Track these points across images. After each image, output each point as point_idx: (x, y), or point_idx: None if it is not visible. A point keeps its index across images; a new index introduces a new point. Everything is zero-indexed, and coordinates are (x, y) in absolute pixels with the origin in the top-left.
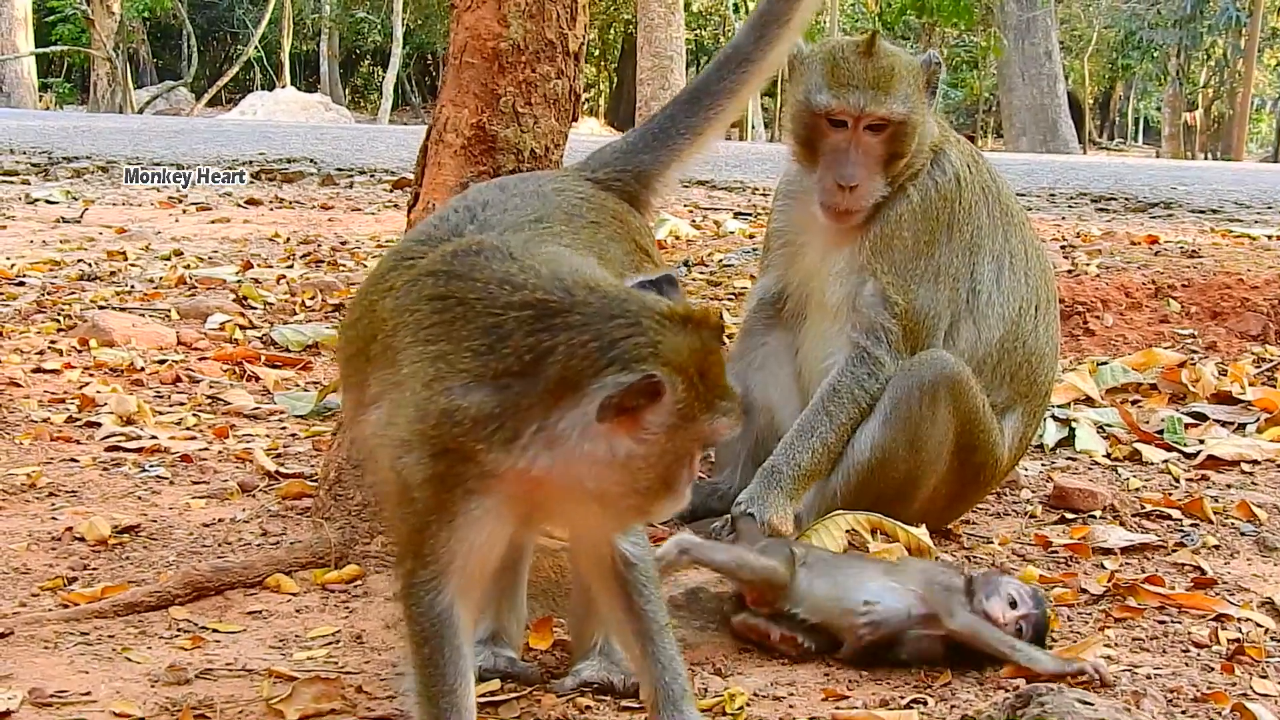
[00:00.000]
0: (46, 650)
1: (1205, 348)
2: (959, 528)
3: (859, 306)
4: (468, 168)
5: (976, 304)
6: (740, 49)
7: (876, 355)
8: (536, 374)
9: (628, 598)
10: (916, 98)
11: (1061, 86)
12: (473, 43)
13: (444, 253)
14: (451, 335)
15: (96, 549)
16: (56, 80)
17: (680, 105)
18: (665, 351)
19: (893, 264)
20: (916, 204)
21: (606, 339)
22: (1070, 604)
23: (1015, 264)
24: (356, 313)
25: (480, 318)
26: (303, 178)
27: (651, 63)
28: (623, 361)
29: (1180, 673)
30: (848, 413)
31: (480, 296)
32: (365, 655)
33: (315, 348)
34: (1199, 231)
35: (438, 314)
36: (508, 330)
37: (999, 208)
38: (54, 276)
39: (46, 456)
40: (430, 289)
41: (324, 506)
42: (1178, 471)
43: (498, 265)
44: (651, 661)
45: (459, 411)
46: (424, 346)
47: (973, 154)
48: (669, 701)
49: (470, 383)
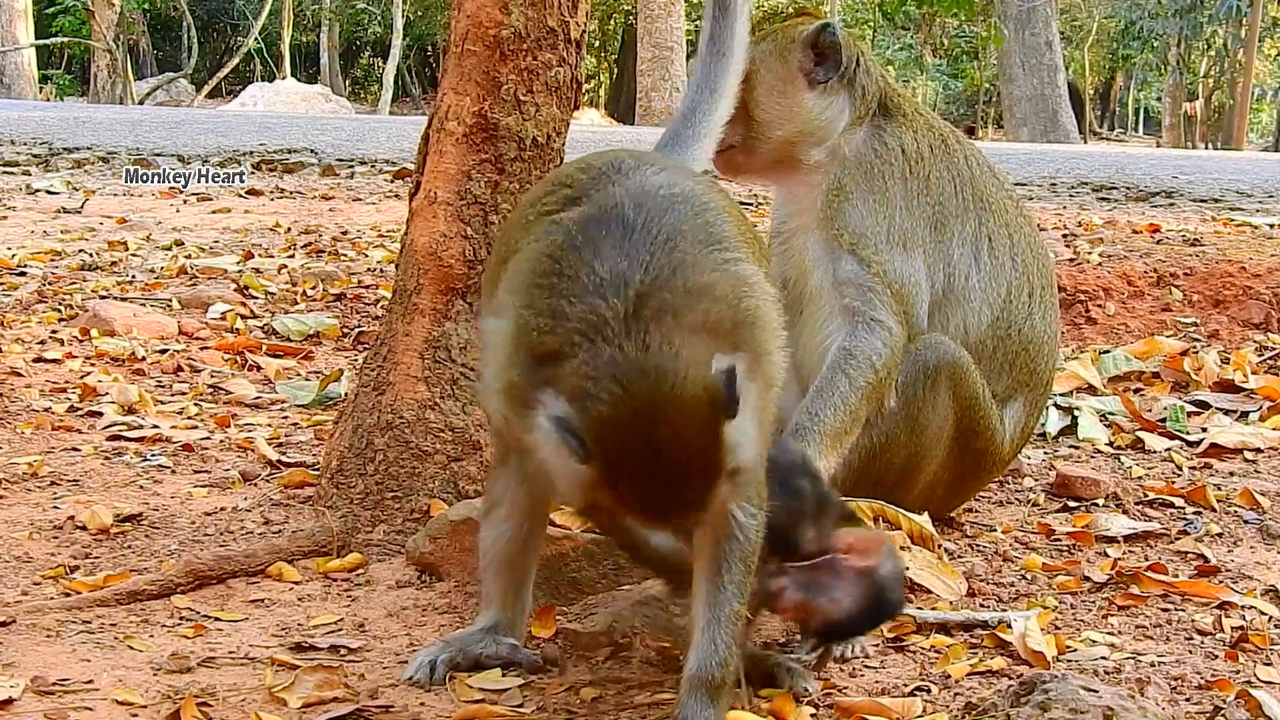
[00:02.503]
0: (48, 639)
1: (1207, 336)
2: (962, 515)
3: (841, 280)
4: (469, 156)
5: (953, 287)
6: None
7: (877, 318)
8: (556, 365)
9: (714, 565)
10: (771, 58)
11: (1062, 77)
12: (474, 30)
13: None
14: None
15: (98, 538)
16: (57, 72)
17: (665, 145)
18: (608, 440)
19: (850, 229)
20: (852, 166)
21: (598, 387)
22: (1073, 592)
23: (996, 248)
24: (514, 227)
25: (561, 297)
26: (303, 168)
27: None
28: (581, 409)
29: (1184, 660)
30: (866, 376)
31: (574, 277)
32: (368, 643)
33: (316, 337)
34: (1200, 220)
35: (544, 275)
36: (569, 320)
37: (971, 192)
38: (55, 266)
39: (48, 446)
40: (553, 246)
41: (326, 495)
42: (1180, 459)
43: (607, 250)
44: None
45: (513, 386)
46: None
47: (943, 139)
48: (683, 685)
49: (525, 354)
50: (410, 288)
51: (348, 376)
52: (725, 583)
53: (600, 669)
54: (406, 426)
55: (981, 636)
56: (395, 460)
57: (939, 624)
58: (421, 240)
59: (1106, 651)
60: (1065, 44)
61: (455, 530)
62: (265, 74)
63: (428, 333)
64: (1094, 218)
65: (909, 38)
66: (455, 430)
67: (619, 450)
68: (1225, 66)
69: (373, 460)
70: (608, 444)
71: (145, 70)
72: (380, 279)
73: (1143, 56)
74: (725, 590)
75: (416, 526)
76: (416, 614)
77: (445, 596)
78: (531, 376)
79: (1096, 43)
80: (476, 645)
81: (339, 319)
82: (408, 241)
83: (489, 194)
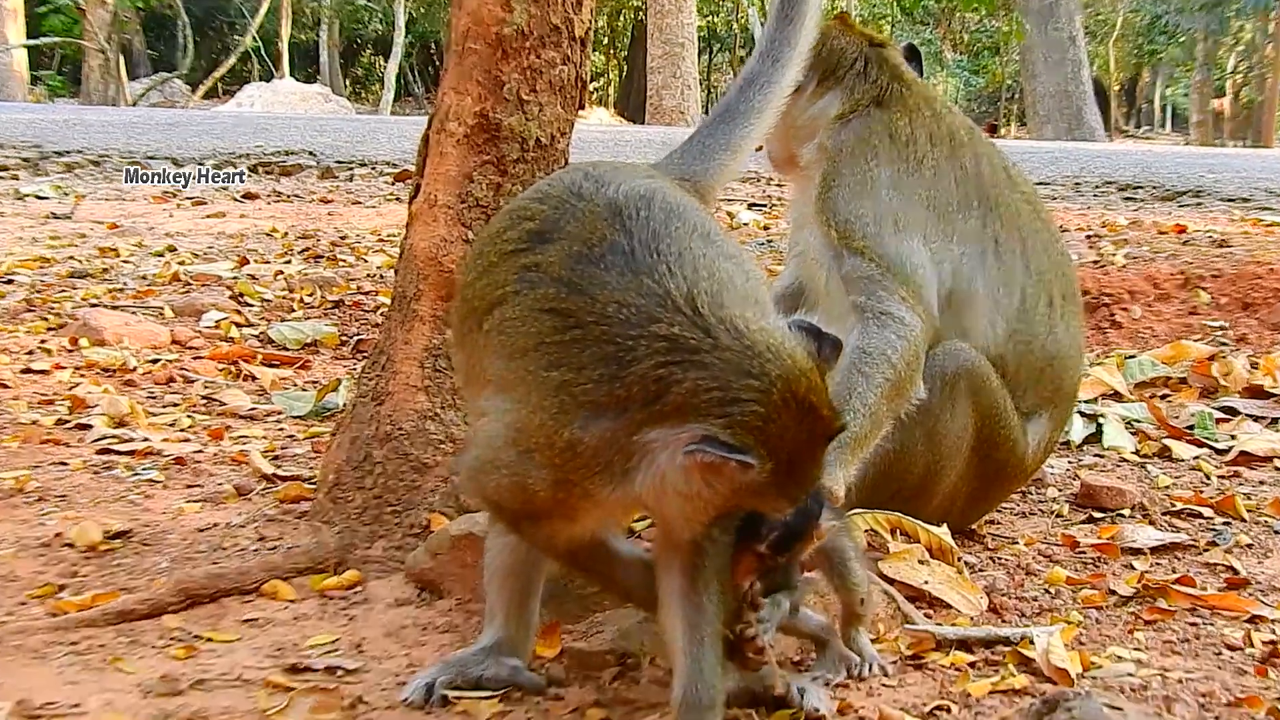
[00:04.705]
0: (35, 660)
1: (1236, 340)
2: (983, 527)
3: (844, 278)
4: (471, 157)
5: (958, 289)
6: (758, 73)
7: (885, 310)
8: (656, 401)
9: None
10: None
11: (1086, 72)
12: (475, 28)
13: (564, 255)
14: (572, 360)
15: (87, 555)
16: (48, 72)
17: (714, 122)
18: (772, 432)
19: (839, 218)
20: (835, 156)
21: (730, 393)
22: (1099, 606)
23: (1004, 252)
24: (476, 270)
25: (601, 344)
26: (301, 170)
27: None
28: (730, 421)
29: (1213, 676)
30: (883, 373)
31: (599, 319)
32: (365, 664)
33: (314, 346)
34: (1228, 220)
35: (558, 333)
36: (636, 357)
37: (975, 189)
38: (44, 274)
39: (35, 460)
40: (549, 300)
41: (323, 510)
42: (1209, 468)
43: (618, 280)
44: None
45: (581, 445)
46: (545, 372)
47: (951, 133)
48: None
49: (590, 414)
50: (410, 294)
51: (345, 386)
52: (704, 602)
53: (607, 689)
54: (406, 438)
55: (1003, 653)
56: (394, 473)
57: (959, 641)
58: (422, 245)
59: (1133, 668)
60: (1090, 39)
61: (456, 545)
62: (263, 73)
63: (428, 341)
64: (1119, 218)
65: (928, 33)
66: (456, 441)
67: (785, 441)
68: (1254, 62)
69: (371, 473)
70: (773, 440)
71: (139, 70)
72: (380, 285)
73: (1169, 51)
74: (705, 610)
75: (416, 542)
76: (416, 633)
77: (446, 615)
78: (617, 427)
79: (1122, 37)
80: (478, 666)
81: (337, 327)
82: (407, 246)
83: (491, 197)
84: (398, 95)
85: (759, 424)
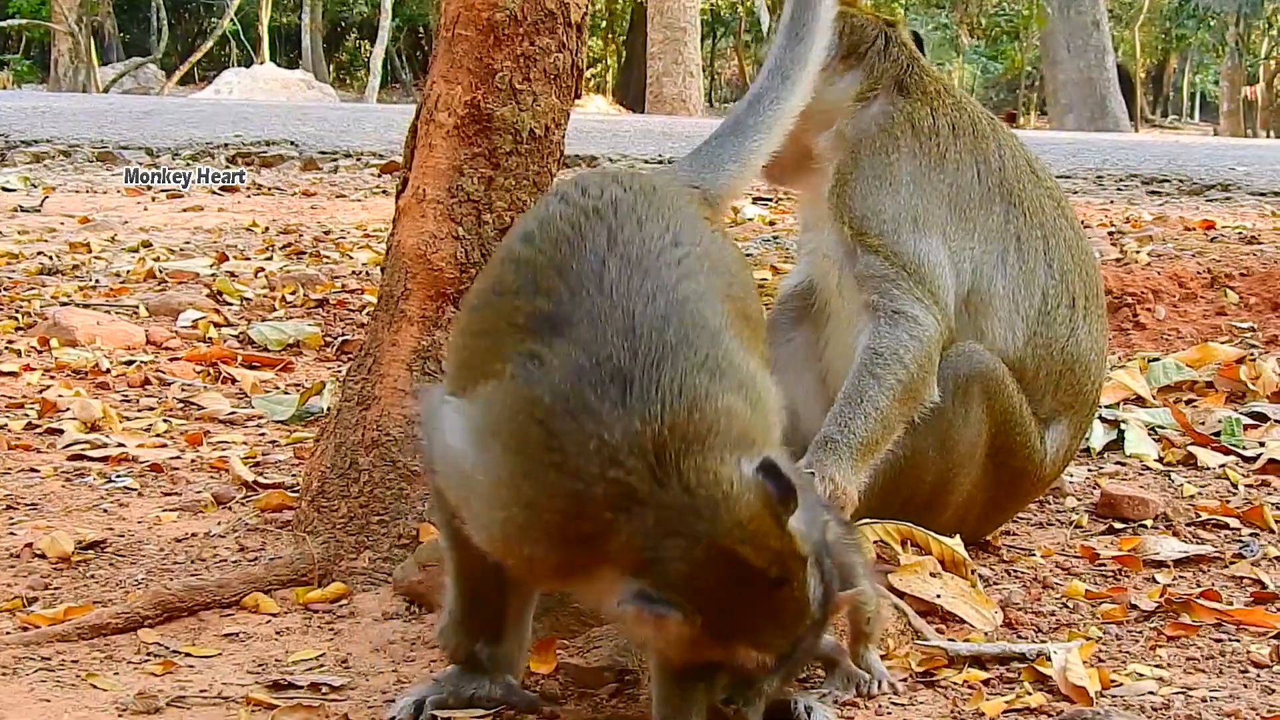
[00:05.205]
0: (4, 677)
1: (1265, 342)
2: (998, 539)
3: (858, 276)
4: (461, 149)
5: (978, 289)
6: (767, 89)
7: (899, 310)
8: (604, 544)
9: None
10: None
11: (1110, 59)
12: (465, 13)
13: (568, 363)
14: (544, 485)
15: (59, 566)
16: (14, 57)
17: (723, 134)
18: (700, 588)
19: (855, 213)
20: (855, 146)
21: (659, 551)
22: (1119, 621)
23: (1026, 251)
24: (477, 322)
25: (573, 479)
26: (283, 162)
27: (663, 35)
28: (663, 578)
29: (1238, 695)
30: (895, 374)
31: (578, 452)
32: (352, 681)
33: (296, 347)
34: (1259, 216)
35: (540, 450)
36: (593, 498)
37: (998, 183)
38: (11, 270)
39: (4, 467)
40: (541, 410)
41: (306, 519)
42: (1236, 477)
43: (609, 412)
44: None
45: (539, 559)
46: (520, 478)
47: (972, 122)
48: None
49: (550, 541)
50: (397, 293)
51: (330, 390)
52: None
53: (604, 707)
54: (393, 444)
55: (1018, 670)
56: (381, 481)
57: (972, 657)
58: (409, 241)
59: (1154, 686)
60: (1114, 23)
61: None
62: (242, 58)
63: (416, 342)
64: (1143, 213)
65: (944, 16)
66: None
67: (715, 596)
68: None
69: (357, 481)
70: (703, 595)
71: (111, 55)
72: (366, 283)
73: (1198, 36)
74: None
75: (404, 553)
76: (404, 648)
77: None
78: (573, 558)
79: (1148, 21)
80: (469, 684)
81: (321, 327)
82: (395, 242)
83: (482, 191)
84: (384, 82)
85: (681, 581)
